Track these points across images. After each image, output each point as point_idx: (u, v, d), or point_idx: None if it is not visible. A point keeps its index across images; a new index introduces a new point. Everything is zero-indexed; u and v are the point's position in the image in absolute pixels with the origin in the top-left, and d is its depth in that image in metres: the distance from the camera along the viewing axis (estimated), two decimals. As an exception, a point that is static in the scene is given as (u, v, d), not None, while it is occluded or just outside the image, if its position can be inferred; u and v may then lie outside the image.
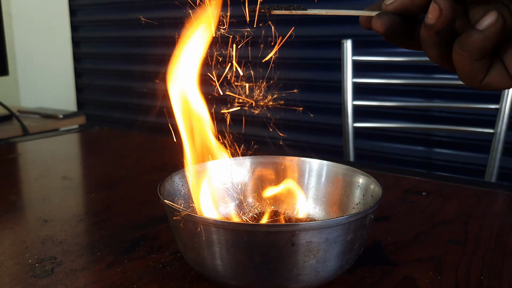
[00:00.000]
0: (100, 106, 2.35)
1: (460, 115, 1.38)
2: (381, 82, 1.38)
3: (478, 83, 0.32)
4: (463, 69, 0.31)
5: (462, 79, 0.32)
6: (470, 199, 0.65)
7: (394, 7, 0.33)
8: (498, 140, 1.10)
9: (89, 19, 2.31)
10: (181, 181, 0.47)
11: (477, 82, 0.32)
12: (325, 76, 1.60)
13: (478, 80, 0.32)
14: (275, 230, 0.35)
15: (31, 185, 0.74)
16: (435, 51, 0.32)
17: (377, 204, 0.39)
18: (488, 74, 0.32)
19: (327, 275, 0.38)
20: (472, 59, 0.30)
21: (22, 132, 1.41)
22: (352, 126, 1.27)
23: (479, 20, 0.30)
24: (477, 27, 0.29)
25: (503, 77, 0.31)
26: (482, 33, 0.29)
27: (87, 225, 0.56)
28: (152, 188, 0.43)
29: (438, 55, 0.32)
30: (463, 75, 0.32)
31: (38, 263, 0.46)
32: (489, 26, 0.29)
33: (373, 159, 1.55)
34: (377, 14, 0.33)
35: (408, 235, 0.53)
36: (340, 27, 1.54)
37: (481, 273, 0.44)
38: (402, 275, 0.44)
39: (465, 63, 0.31)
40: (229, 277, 0.38)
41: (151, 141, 1.06)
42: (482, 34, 0.29)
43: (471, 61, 0.31)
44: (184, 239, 0.39)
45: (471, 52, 0.30)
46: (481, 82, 0.32)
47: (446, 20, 0.30)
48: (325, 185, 0.50)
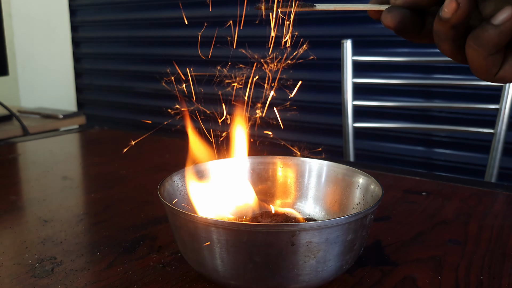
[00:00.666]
0: (100, 106, 2.35)
1: (460, 115, 1.38)
2: (381, 82, 1.38)
3: (492, 77, 0.32)
4: (477, 63, 0.31)
5: (475, 72, 0.32)
6: (470, 199, 0.65)
7: (404, 1, 0.32)
8: (498, 140, 1.10)
9: (89, 19, 2.31)
10: (181, 181, 0.47)
11: (490, 75, 0.32)
12: (325, 76, 1.60)
13: (492, 74, 0.31)
14: (275, 230, 0.35)
15: (31, 185, 0.74)
16: (448, 45, 0.31)
17: (377, 204, 0.39)
18: (502, 68, 0.31)
19: (327, 275, 0.38)
20: (486, 53, 0.30)
21: (22, 132, 1.41)
22: (352, 126, 1.27)
23: (492, 14, 0.29)
24: (493, 21, 0.29)
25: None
26: (498, 28, 0.29)
27: (87, 225, 0.56)
28: (152, 188, 0.43)
29: (452, 48, 0.32)
30: (476, 69, 0.31)
31: (38, 263, 0.46)
32: (505, 21, 0.28)
33: (373, 159, 1.55)
34: (387, 9, 0.33)
35: (408, 235, 0.53)
36: (340, 27, 1.54)
37: (481, 273, 0.44)
38: (402, 275, 0.44)
39: (479, 57, 0.30)
40: (229, 277, 0.37)
41: (151, 141, 1.06)
42: (498, 29, 0.29)
43: (486, 56, 0.30)
44: (184, 239, 0.39)
45: (486, 47, 0.30)
46: (495, 75, 0.32)
47: (463, 14, 0.29)
48: (325, 185, 0.50)
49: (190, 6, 1.89)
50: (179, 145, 0.99)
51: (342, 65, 1.25)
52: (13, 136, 1.36)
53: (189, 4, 1.90)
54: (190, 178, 0.45)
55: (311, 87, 1.63)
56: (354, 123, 1.27)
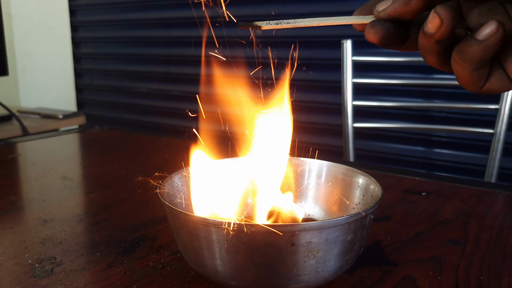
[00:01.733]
0: (100, 106, 2.35)
1: (460, 115, 1.38)
2: (381, 82, 1.38)
3: (478, 89, 0.31)
4: (463, 77, 0.31)
5: (462, 84, 0.32)
6: (470, 199, 0.65)
7: (387, 14, 0.32)
8: (498, 140, 1.10)
9: (89, 19, 2.31)
10: (181, 181, 0.47)
11: (477, 88, 0.31)
12: (325, 76, 1.60)
13: (478, 86, 0.31)
14: (275, 230, 0.35)
15: (31, 185, 0.74)
16: (434, 58, 0.31)
17: (377, 204, 0.39)
18: (488, 81, 0.31)
19: (327, 275, 0.38)
20: (471, 68, 0.30)
21: (22, 132, 1.42)
22: (352, 126, 1.27)
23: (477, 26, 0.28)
24: (477, 36, 0.28)
25: (503, 82, 0.31)
26: (482, 43, 0.28)
27: (87, 225, 0.56)
28: (152, 188, 0.43)
29: (438, 61, 0.31)
30: (462, 82, 0.31)
31: (38, 263, 0.46)
32: (489, 36, 0.28)
33: (373, 159, 1.55)
34: (370, 24, 0.32)
35: (408, 235, 0.53)
36: (340, 27, 1.54)
37: (481, 273, 0.44)
38: (402, 275, 0.44)
39: (464, 72, 0.30)
40: (228, 278, 0.37)
41: (151, 141, 1.06)
42: (482, 44, 0.28)
43: (471, 70, 0.30)
44: (183, 240, 0.39)
45: (471, 62, 0.29)
46: (481, 88, 0.31)
47: (447, 30, 0.29)
48: (325, 185, 0.50)
49: (190, 6, 1.89)
50: (179, 145, 0.99)
51: (342, 65, 1.25)
52: (13, 136, 1.36)
53: (189, 4, 1.90)
54: (193, 177, 0.45)
55: (311, 87, 1.63)
56: (354, 123, 1.27)
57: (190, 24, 1.92)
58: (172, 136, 1.06)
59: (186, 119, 1.94)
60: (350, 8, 1.50)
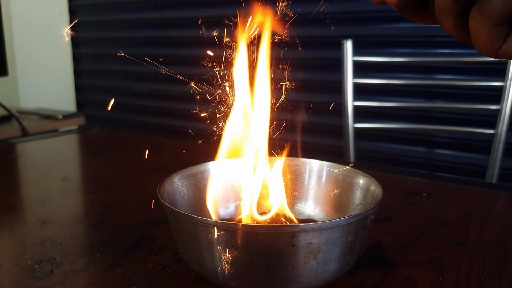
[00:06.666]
0: (100, 107, 2.35)
1: (460, 116, 1.38)
2: (381, 83, 1.38)
3: (495, 51, 0.31)
4: (481, 36, 0.30)
5: (478, 47, 0.31)
6: (471, 200, 0.65)
7: None
8: (498, 141, 1.10)
9: (89, 20, 2.31)
10: (181, 182, 0.47)
11: (493, 50, 0.31)
12: (326, 76, 1.60)
13: (495, 48, 0.31)
14: (275, 232, 0.34)
15: (30, 186, 0.74)
16: (451, 20, 0.31)
17: (378, 205, 0.39)
18: (505, 42, 0.30)
19: (328, 276, 0.38)
20: (490, 25, 0.29)
21: (21, 132, 1.41)
22: (352, 126, 1.27)
23: None
24: None
25: None
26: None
27: (87, 226, 0.56)
28: (151, 189, 0.43)
29: (454, 24, 0.31)
30: (479, 43, 0.31)
31: (37, 264, 0.46)
32: None
33: (374, 160, 1.55)
34: None
35: (409, 236, 0.53)
36: (340, 27, 1.53)
37: (482, 275, 0.44)
38: (402, 277, 0.44)
39: (483, 29, 0.30)
40: (229, 279, 0.37)
41: (151, 141, 1.06)
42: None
43: (489, 28, 0.29)
44: (183, 241, 0.39)
45: (491, 17, 0.29)
46: (498, 50, 0.31)
47: None
48: (325, 186, 0.50)
49: (190, 6, 1.89)
50: (179, 145, 0.98)
51: (342, 66, 1.25)
52: (12, 137, 1.36)
53: (189, 4, 1.90)
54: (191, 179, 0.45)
55: (311, 88, 1.63)
56: (354, 123, 1.27)
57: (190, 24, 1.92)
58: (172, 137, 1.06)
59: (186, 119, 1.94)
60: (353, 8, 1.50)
